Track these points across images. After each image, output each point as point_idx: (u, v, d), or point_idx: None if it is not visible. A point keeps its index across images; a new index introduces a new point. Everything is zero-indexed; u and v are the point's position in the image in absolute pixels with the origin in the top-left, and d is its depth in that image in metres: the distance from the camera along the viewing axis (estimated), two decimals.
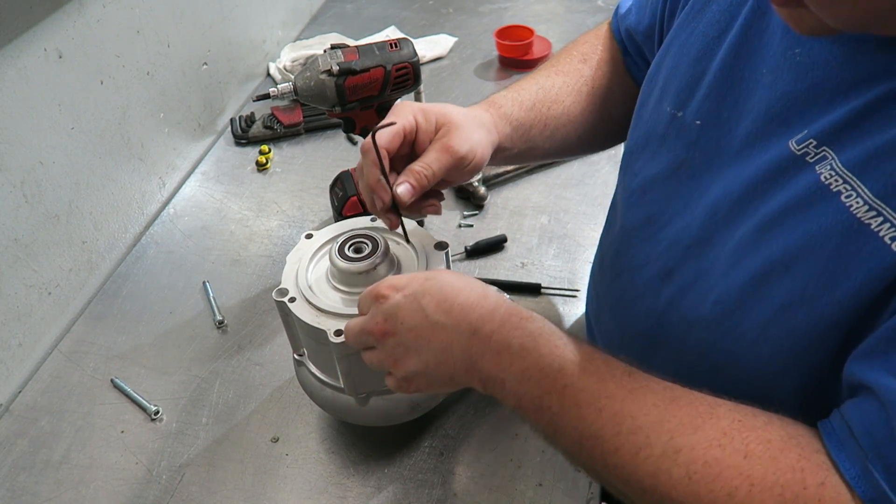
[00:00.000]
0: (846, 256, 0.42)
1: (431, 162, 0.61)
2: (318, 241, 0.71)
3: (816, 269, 0.44)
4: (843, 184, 0.43)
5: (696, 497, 0.41)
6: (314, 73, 0.86)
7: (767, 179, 0.49)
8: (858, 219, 0.42)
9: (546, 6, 1.63)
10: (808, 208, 0.45)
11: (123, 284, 1.00)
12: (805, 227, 0.45)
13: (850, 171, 0.43)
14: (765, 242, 0.48)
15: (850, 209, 0.42)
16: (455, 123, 0.62)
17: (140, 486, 0.74)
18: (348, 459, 0.75)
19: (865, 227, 0.41)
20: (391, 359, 0.55)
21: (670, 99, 0.60)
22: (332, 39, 1.47)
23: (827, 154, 0.45)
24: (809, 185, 0.45)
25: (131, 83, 1.04)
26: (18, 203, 0.86)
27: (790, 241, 0.46)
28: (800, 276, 0.45)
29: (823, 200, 0.44)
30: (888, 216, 0.41)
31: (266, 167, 1.19)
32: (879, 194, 0.41)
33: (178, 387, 0.84)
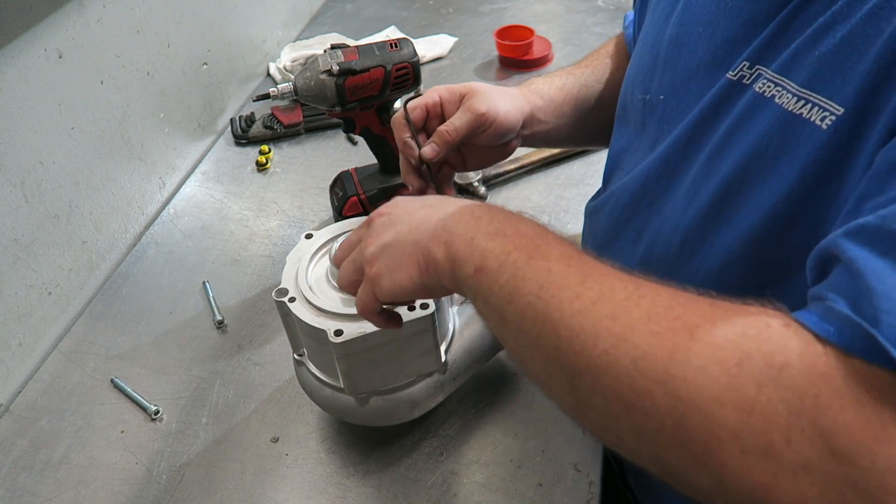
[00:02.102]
0: (787, 150, 0.45)
1: (454, 120, 0.68)
2: (318, 241, 0.71)
3: (765, 174, 0.46)
4: (774, 87, 0.46)
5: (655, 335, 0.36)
6: (314, 73, 0.86)
7: (710, 112, 0.52)
8: (790, 112, 0.45)
9: (546, 6, 1.63)
10: (748, 121, 0.48)
11: (123, 284, 1.00)
12: (748, 139, 0.48)
13: (779, 73, 0.46)
14: (716, 168, 0.51)
15: (782, 106, 0.45)
16: (476, 91, 0.69)
17: (140, 486, 0.74)
18: (348, 459, 0.75)
19: (798, 118, 0.44)
20: (369, 239, 0.52)
21: (638, 86, 0.63)
22: (332, 39, 1.47)
23: (761, 71, 0.48)
24: (748, 101, 0.48)
25: (131, 83, 1.04)
26: (18, 203, 0.86)
27: (738, 156, 0.49)
28: (753, 186, 0.47)
29: (760, 108, 0.47)
30: (816, 101, 0.43)
31: (266, 167, 1.19)
32: (804, 83, 0.44)
33: (178, 387, 0.84)
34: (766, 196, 0.47)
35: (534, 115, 0.73)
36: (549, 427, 0.76)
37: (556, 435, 0.76)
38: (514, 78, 1.37)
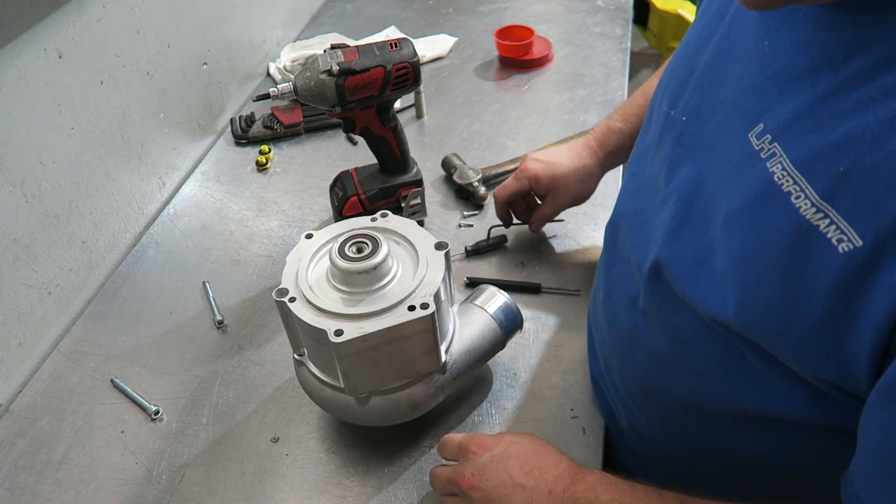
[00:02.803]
0: (797, 256, 0.43)
1: (548, 212, 0.94)
2: (318, 241, 0.71)
3: (771, 268, 0.45)
4: (792, 184, 0.43)
5: None
6: (314, 73, 0.86)
7: (730, 176, 0.50)
8: (807, 220, 0.42)
9: (546, 6, 1.63)
10: (762, 207, 0.46)
11: (123, 284, 1.00)
12: (760, 227, 0.46)
13: (798, 170, 0.43)
14: (727, 239, 0.49)
15: (799, 210, 0.42)
16: (561, 186, 0.90)
17: (140, 486, 0.74)
18: (348, 459, 0.75)
19: (814, 229, 0.41)
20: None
21: (667, 98, 0.62)
22: (332, 39, 1.47)
23: (776, 151, 0.45)
24: (763, 184, 0.46)
25: (131, 83, 1.04)
26: (18, 203, 0.86)
27: (748, 238, 0.47)
28: (756, 273, 0.46)
29: (775, 201, 0.44)
30: (833, 218, 0.40)
31: (266, 167, 1.19)
32: (824, 195, 0.41)
33: (178, 387, 0.84)
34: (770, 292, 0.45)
35: (604, 171, 0.91)
36: (548, 427, 0.76)
37: (555, 435, 0.76)
38: (514, 78, 1.37)
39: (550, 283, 0.93)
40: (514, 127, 1.24)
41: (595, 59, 1.41)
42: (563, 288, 0.92)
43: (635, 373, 0.64)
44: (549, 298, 0.91)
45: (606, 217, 1.01)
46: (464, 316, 0.75)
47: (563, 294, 0.92)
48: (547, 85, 1.35)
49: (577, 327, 0.87)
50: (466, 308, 0.77)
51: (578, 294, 0.91)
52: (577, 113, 1.26)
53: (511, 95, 1.33)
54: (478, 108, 1.30)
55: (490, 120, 1.26)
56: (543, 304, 0.91)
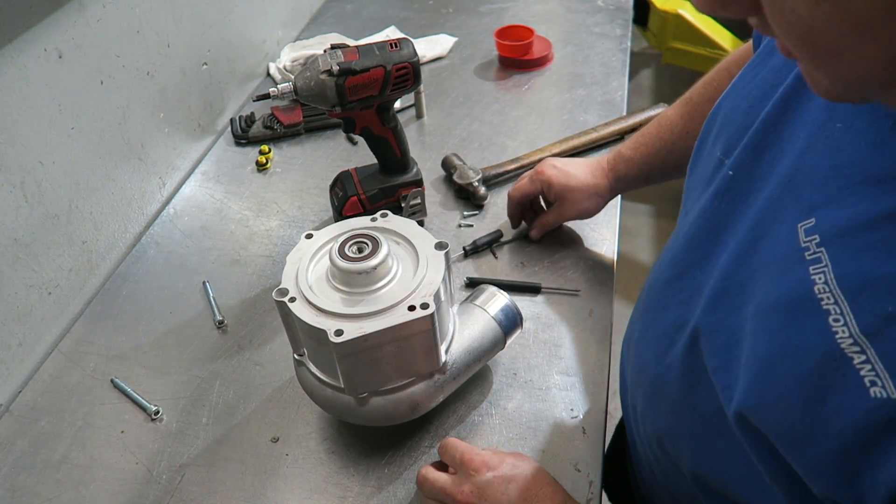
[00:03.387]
0: (824, 381, 0.39)
1: (550, 219, 0.97)
2: (318, 241, 0.71)
3: (793, 383, 0.41)
4: (833, 304, 0.39)
5: None
6: (314, 73, 0.86)
7: (772, 260, 0.45)
8: (842, 349, 0.38)
9: (546, 6, 1.63)
10: (796, 314, 0.41)
11: (123, 284, 1.00)
12: (789, 335, 0.41)
13: (842, 291, 0.39)
14: (754, 333, 0.45)
15: (835, 335, 0.38)
16: (570, 198, 0.93)
17: (140, 486, 0.74)
18: (348, 459, 0.75)
19: (848, 360, 0.37)
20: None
21: (721, 144, 0.56)
22: (332, 39, 1.47)
23: (823, 258, 0.40)
24: (802, 290, 0.41)
25: (131, 83, 1.04)
26: (18, 203, 0.86)
27: (775, 341, 0.43)
28: (777, 383, 0.42)
29: (811, 314, 0.40)
30: (870, 356, 0.37)
31: (266, 167, 1.19)
32: (865, 331, 0.37)
33: (178, 387, 0.84)
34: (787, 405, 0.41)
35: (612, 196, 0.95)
36: (548, 427, 0.76)
37: (556, 435, 0.76)
38: (514, 78, 1.37)
39: (550, 283, 0.93)
40: (514, 127, 1.24)
41: (595, 59, 1.41)
42: (563, 288, 0.92)
43: (654, 421, 0.61)
44: (549, 298, 0.91)
45: (606, 218, 1.01)
46: (464, 316, 0.75)
47: (563, 294, 0.92)
48: (547, 85, 1.35)
49: (577, 327, 0.87)
50: (466, 308, 0.77)
51: (578, 294, 0.91)
52: (577, 113, 1.26)
53: (511, 95, 1.33)
54: (478, 108, 1.30)
55: (490, 120, 1.26)
56: (543, 304, 0.91)
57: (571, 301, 0.91)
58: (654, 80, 3.05)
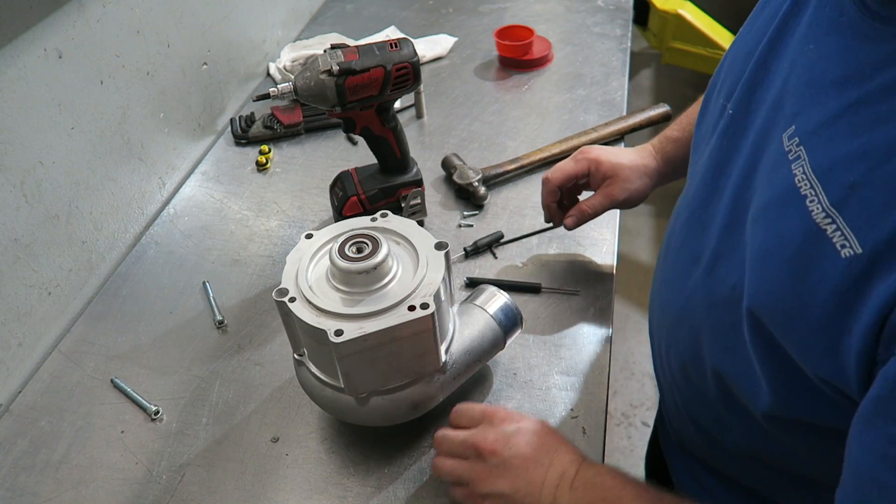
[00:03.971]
0: (806, 257, 0.45)
1: (595, 204, 0.86)
2: (318, 241, 0.71)
3: (784, 266, 0.47)
4: (809, 188, 0.45)
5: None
6: (314, 73, 0.86)
7: (765, 175, 0.52)
8: (817, 224, 0.44)
9: (546, 6, 1.63)
10: (782, 208, 0.48)
11: (123, 284, 1.00)
12: (778, 226, 0.48)
13: (816, 176, 0.45)
14: (753, 234, 0.51)
15: (811, 214, 0.45)
16: (621, 176, 0.85)
17: (140, 486, 0.74)
18: (348, 459, 0.75)
19: (823, 233, 0.43)
20: (485, 472, 0.63)
21: (724, 92, 0.63)
22: (332, 39, 1.47)
23: (801, 154, 0.47)
24: (785, 185, 0.48)
25: (131, 83, 1.04)
26: (18, 203, 0.86)
27: (768, 234, 0.49)
28: (771, 269, 0.48)
29: (793, 203, 0.46)
30: (840, 224, 0.42)
31: (266, 167, 1.19)
32: (835, 203, 0.43)
33: (178, 387, 0.84)
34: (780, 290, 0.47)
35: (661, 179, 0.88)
36: None
37: None
38: (514, 78, 1.37)
39: (550, 283, 0.93)
40: (514, 127, 1.24)
41: (595, 59, 1.41)
42: (564, 288, 0.92)
43: (679, 354, 0.66)
44: (549, 298, 0.91)
45: (606, 218, 1.01)
46: (464, 316, 0.75)
47: (563, 294, 0.92)
48: (547, 85, 1.35)
49: (577, 327, 0.87)
50: (466, 308, 0.77)
51: (578, 294, 0.91)
52: (577, 113, 1.26)
53: (511, 95, 1.33)
54: (478, 108, 1.30)
55: (490, 120, 1.26)
56: (543, 304, 0.91)
57: (571, 301, 0.91)
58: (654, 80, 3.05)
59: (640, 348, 2.03)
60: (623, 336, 2.05)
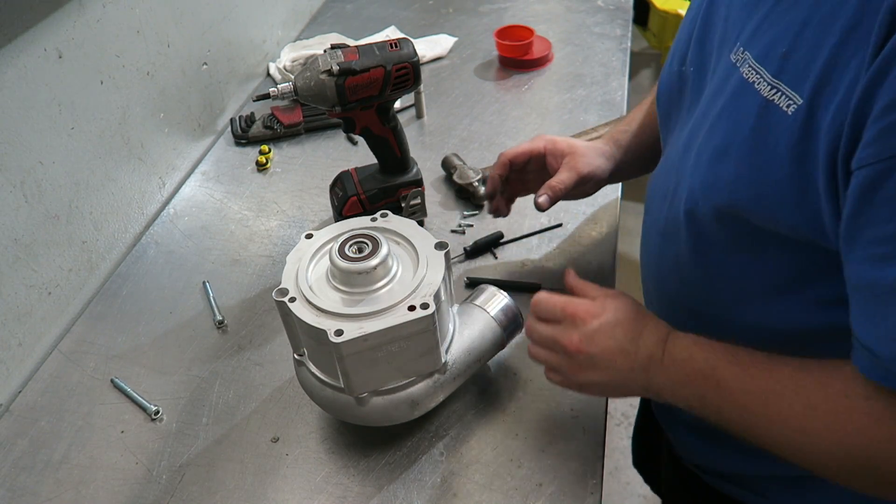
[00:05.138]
0: (762, 130, 0.51)
1: (563, 178, 0.83)
2: (318, 241, 0.71)
3: (745, 145, 0.53)
4: (755, 75, 0.53)
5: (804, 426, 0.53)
6: (314, 73, 0.86)
7: (717, 91, 0.59)
8: (765, 98, 0.51)
9: (546, 6, 1.63)
10: (736, 101, 0.55)
11: (123, 284, 1.00)
12: (735, 117, 0.55)
13: (758, 62, 0.53)
14: (713, 136, 0.58)
15: (759, 93, 0.52)
16: (580, 151, 0.84)
17: (140, 486, 0.74)
18: (348, 459, 0.75)
19: (771, 104, 0.50)
20: (575, 367, 0.65)
21: (677, 58, 0.70)
22: (332, 39, 1.47)
23: (747, 56, 0.54)
24: (737, 84, 0.55)
25: (131, 83, 1.04)
26: (18, 203, 0.86)
27: (728, 127, 0.56)
28: (734, 153, 0.54)
29: (744, 92, 0.54)
30: (783, 90, 0.50)
31: (266, 167, 1.19)
32: (775, 74, 0.51)
33: (178, 387, 0.84)
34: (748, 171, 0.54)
35: (617, 167, 0.87)
36: (549, 427, 0.76)
37: (556, 435, 0.76)
38: (514, 78, 1.37)
39: (550, 283, 0.93)
40: (514, 127, 1.24)
41: (595, 59, 1.41)
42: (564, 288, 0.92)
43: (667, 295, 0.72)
44: None
45: (606, 218, 1.01)
46: (464, 316, 0.75)
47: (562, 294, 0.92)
48: (547, 85, 1.35)
49: None
50: (466, 308, 0.77)
51: None
52: (577, 113, 1.26)
53: (511, 95, 1.33)
54: (478, 108, 1.30)
55: (490, 120, 1.26)
56: None
57: None
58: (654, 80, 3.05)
59: None
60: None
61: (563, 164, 0.84)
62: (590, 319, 0.64)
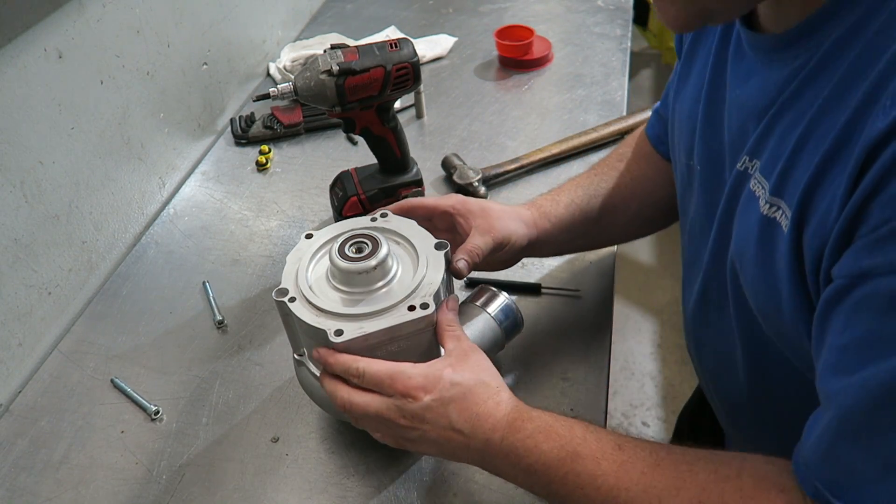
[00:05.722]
0: (763, 243, 0.52)
1: (479, 243, 0.72)
2: (318, 241, 0.71)
3: (753, 260, 0.54)
4: (759, 188, 0.53)
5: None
6: (314, 73, 0.86)
7: (731, 198, 0.60)
8: (765, 215, 0.52)
9: (546, 6, 1.63)
10: (744, 213, 0.56)
11: (123, 284, 1.00)
12: (743, 229, 0.56)
13: (763, 175, 0.53)
14: (729, 241, 0.59)
15: (760, 209, 0.53)
16: (494, 214, 0.75)
17: (140, 486, 0.74)
18: (348, 459, 0.75)
19: (772, 220, 0.51)
20: (405, 440, 0.61)
21: (684, 151, 0.70)
22: (332, 39, 1.47)
23: (754, 165, 0.55)
24: (746, 195, 0.56)
25: (131, 83, 1.04)
26: (18, 203, 0.86)
27: (737, 238, 0.57)
28: (747, 265, 0.56)
29: (751, 205, 0.54)
30: (781, 207, 0.50)
31: (266, 167, 1.19)
32: (773, 191, 0.51)
33: (178, 387, 0.84)
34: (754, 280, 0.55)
35: (539, 238, 0.78)
36: None
37: None
38: (514, 78, 1.37)
39: (550, 283, 0.93)
40: (514, 127, 1.24)
41: (595, 59, 1.41)
42: (563, 288, 0.92)
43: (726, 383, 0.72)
44: (549, 298, 0.91)
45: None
46: (464, 316, 0.75)
47: (563, 294, 0.92)
48: (547, 85, 1.35)
49: (577, 327, 0.87)
50: (466, 308, 0.76)
51: (578, 294, 0.91)
52: (577, 113, 1.26)
53: (511, 95, 1.33)
54: (478, 108, 1.30)
55: (490, 120, 1.26)
56: (543, 304, 0.91)
57: (571, 301, 0.91)
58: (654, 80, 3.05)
59: (639, 348, 2.03)
60: (623, 336, 2.05)
61: (474, 226, 0.74)
62: (422, 396, 0.59)
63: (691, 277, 0.72)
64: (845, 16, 0.46)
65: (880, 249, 0.40)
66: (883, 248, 0.40)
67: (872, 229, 0.41)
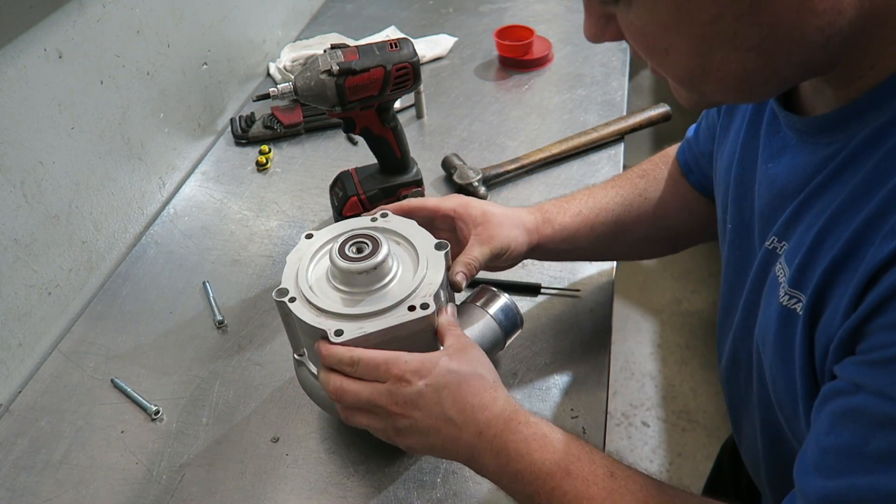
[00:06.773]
0: (782, 334, 0.51)
1: (476, 255, 0.72)
2: (318, 241, 0.71)
3: (774, 348, 0.53)
4: (783, 274, 0.52)
5: None
6: (314, 73, 0.86)
7: (759, 275, 0.58)
8: (784, 305, 0.51)
9: (546, 6, 1.63)
10: (769, 297, 0.55)
11: (123, 284, 1.00)
12: (766, 314, 0.55)
13: (786, 263, 0.52)
14: (756, 319, 0.58)
15: (780, 298, 0.51)
16: (494, 221, 0.74)
17: (140, 486, 0.74)
18: (348, 459, 0.75)
19: (792, 311, 0.50)
20: (395, 431, 0.60)
21: (720, 205, 0.68)
22: (332, 39, 1.47)
23: (782, 246, 0.54)
24: (771, 278, 0.55)
25: (131, 83, 1.04)
26: (18, 203, 0.86)
27: (762, 322, 0.56)
28: (768, 352, 0.54)
29: (773, 291, 0.53)
30: (799, 297, 0.49)
31: (266, 167, 1.19)
32: (793, 283, 0.50)
33: (178, 387, 0.84)
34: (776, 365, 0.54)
35: (540, 243, 0.78)
36: None
37: None
38: (514, 78, 1.37)
39: (550, 283, 0.93)
40: (514, 127, 1.24)
41: (595, 59, 1.41)
42: (563, 288, 0.92)
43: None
44: (549, 298, 0.91)
45: None
46: (464, 316, 0.75)
47: (563, 294, 0.92)
48: (547, 85, 1.35)
49: (577, 327, 0.87)
50: (466, 308, 0.77)
51: (578, 294, 0.91)
52: (577, 113, 1.26)
53: (511, 95, 1.33)
54: (478, 108, 1.30)
55: (490, 120, 1.26)
56: (543, 305, 0.91)
57: (571, 301, 0.91)
58: (654, 80, 3.05)
59: (639, 348, 2.03)
60: (623, 336, 2.05)
61: (474, 234, 0.74)
62: (416, 380, 0.57)
63: (726, 323, 0.68)
64: (879, 112, 0.45)
65: (873, 372, 0.41)
66: (875, 372, 0.41)
67: (868, 350, 0.42)
